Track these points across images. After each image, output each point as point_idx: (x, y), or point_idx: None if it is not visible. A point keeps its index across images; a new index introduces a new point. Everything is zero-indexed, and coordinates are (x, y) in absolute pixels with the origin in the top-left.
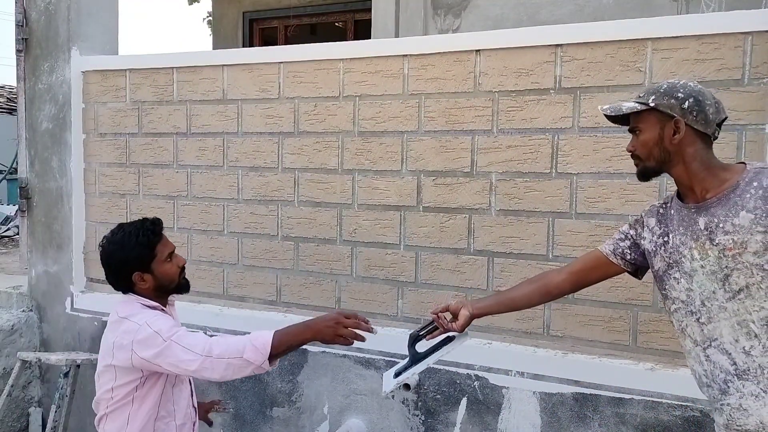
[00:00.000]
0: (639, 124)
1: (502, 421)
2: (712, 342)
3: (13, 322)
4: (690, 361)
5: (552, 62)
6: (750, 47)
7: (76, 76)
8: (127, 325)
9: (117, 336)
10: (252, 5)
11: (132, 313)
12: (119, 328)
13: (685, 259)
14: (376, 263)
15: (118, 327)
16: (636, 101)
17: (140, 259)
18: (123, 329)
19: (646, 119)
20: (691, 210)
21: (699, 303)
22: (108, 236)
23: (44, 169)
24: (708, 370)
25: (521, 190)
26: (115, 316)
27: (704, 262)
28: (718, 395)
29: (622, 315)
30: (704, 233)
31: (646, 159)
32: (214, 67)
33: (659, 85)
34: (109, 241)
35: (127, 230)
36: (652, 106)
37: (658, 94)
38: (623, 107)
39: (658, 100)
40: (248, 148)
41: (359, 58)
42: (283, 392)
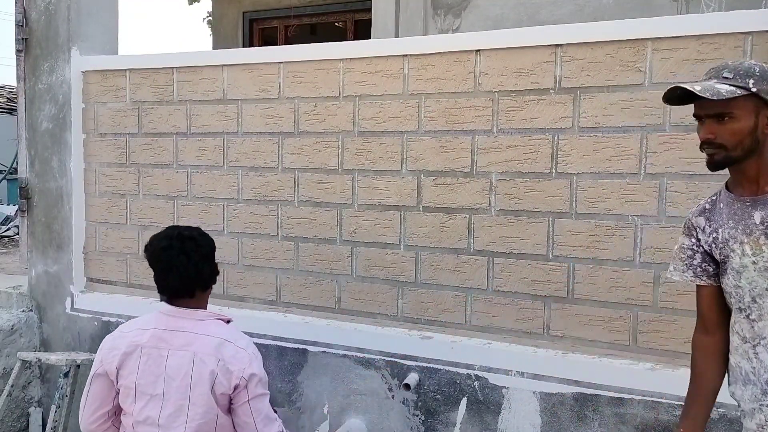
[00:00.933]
0: (733, 110)
1: (502, 421)
2: (761, 340)
3: (13, 322)
4: (736, 357)
5: (552, 62)
6: (750, 47)
7: (76, 76)
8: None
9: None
10: (252, 5)
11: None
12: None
13: (734, 254)
14: (376, 263)
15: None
16: (730, 84)
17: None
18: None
19: (742, 105)
20: (746, 203)
21: (749, 299)
22: (182, 232)
23: (44, 169)
24: (756, 367)
25: (521, 190)
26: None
27: (756, 258)
28: (760, 395)
29: (622, 315)
30: (759, 228)
31: (732, 148)
32: (214, 67)
33: (749, 67)
34: (193, 231)
35: (193, 228)
36: (753, 91)
37: (755, 78)
38: (721, 91)
39: (759, 85)
40: (248, 148)
41: (359, 58)
42: (283, 392)
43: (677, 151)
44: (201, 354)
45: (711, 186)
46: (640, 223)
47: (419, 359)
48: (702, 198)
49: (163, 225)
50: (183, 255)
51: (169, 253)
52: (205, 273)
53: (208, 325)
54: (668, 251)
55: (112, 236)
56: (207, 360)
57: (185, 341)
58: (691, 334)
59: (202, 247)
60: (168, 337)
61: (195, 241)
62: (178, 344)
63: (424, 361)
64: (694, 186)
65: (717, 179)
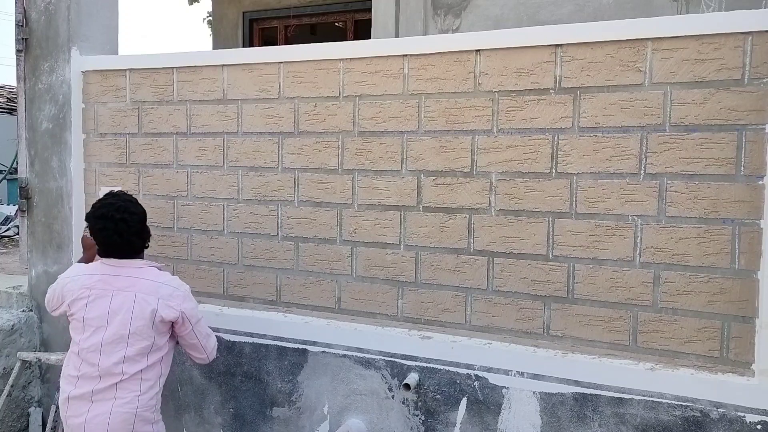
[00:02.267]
0: None
1: (502, 421)
2: None
3: (13, 322)
4: None
5: (552, 62)
6: (750, 47)
7: (76, 76)
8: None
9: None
10: (252, 5)
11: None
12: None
13: None
14: (376, 263)
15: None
16: None
17: None
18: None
19: None
20: None
21: None
22: (116, 203)
23: (44, 169)
24: None
25: (521, 190)
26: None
27: None
28: None
29: (622, 315)
30: None
31: None
32: (214, 67)
33: None
34: (125, 202)
35: (119, 193)
36: None
37: None
38: None
39: None
40: (248, 148)
41: (359, 58)
42: (283, 392)
43: (677, 151)
44: (142, 293)
45: (711, 186)
46: (640, 223)
47: (419, 359)
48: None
49: (163, 225)
50: (116, 235)
51: (104, 234)
52: (137, 245)
53: (147, 271)
54: (668, 251)
55: None
56: (148, 299)
57: (128, 284)
58: (691, 334)
59: (132, 226)
60: (113, 281)
61: (126, 222)
62: (122, 286)
63: (424, 361)
64: (694, 186)
65: (717, 179)
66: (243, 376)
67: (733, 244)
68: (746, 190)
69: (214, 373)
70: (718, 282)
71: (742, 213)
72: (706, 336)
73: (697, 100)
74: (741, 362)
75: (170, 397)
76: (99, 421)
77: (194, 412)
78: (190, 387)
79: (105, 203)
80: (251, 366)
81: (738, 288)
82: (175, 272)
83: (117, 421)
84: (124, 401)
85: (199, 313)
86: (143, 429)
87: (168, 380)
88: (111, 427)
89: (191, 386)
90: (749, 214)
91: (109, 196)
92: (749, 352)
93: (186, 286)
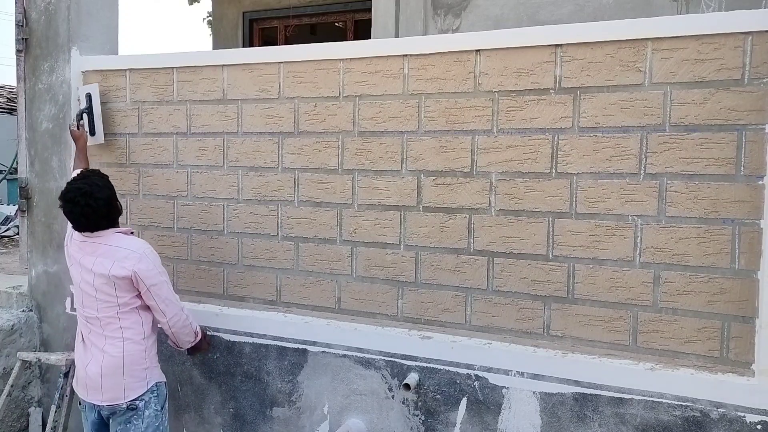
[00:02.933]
0: None
1: (502, 421)
2: None
3: (13, 322)
4: None
5: (552, 62)
6: (750, 47)
7: (76, 76)
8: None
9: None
10: (252, 5)
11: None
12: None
13: None
14: (376, 263)
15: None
16: None
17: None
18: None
19: None
20: None
21: None
22: (83, 188)
23: (44, 169)
24: None
25: (521, 190)
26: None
27: None
28: None
29: (622, 315)
30: None
31: None
32: (214, 67)
33: None
34: (92, 186)
35: (91, 174)
36: None
37: None
38: None
39: None
40: (248, 148)
41: (359, 58)
42: (283, 392)
43: (677, 151)
44: (102, 257)
45: (711, 186)
46: (640, 223)
47: (419, 359)
48: (702, 198)
49: (163, 225)
50: (83, 217)
51: (72, 216)
52: (103, 224)
53: (110, 237)
54: (668, 251)
55: None
56: (104, 262)
57: (92, 249)
58: (691, 334)
59: (98, 209)
60: (84, 246)
61: (91, 207)
62: (89, 251)
63: (424, 361)
64: (694, 186)
65: (717, 179)
66: (243, 376)
67: (733, 244)
68: (746, 190)
69: (214, 373)
70: (718, 282)
71: (742, 213)
72: (706, 336)
73: (697, 100)
74: (741, 362)
75: (170, 397)
76: (94, 364)
77: (194, 412)
78: (190, 387)
79: (73, 187)
80: (251, 366)
81: (738, 288)
82: (175, 272)
83: (107, 364)
84: (113, 348)
85: (160, 277)
86: (134, 370)
87: (168, 380)
88: (103, 369)
89: (191, 386)
90: (749, 214)
91: (79, 178)
92: (749, 352)
93: (146, 249)
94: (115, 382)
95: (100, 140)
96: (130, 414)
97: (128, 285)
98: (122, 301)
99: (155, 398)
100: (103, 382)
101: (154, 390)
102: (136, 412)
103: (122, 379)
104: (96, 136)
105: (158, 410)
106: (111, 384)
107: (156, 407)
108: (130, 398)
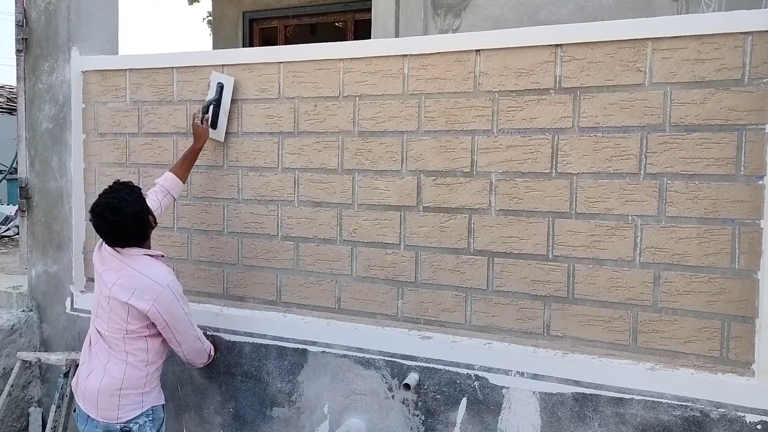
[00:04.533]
0: None
1: (502, 421)
2: None
3: (13, 322)
4: None
5: (552, 62)
6: (750, 47)
7: (76, 76)
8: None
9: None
10: (252, 5)
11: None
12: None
13: None
14: (376, 263)
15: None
16: None
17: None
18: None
19: None
20: None
21: None
22: (112, 203)
23: (44, 169)
24: None
25: (521, 190)
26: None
27: None
28: None
29: (622, 315)
30: None
31: None
32: (214, 67)
33: None
34: (121, 201)
35: (122, 188)
36: None
37: None
38: None
39: None
40: (248, 148)
41: (359, 58)
42: (283, 392)
43: (677, 151)
44: (123, 279)
45: (711, 186)
46: (640, 223)
47: (419, 359)
48: (702, 198)
49: (163, 225)
50: (110, 233)
51: (100, 230)
52: (131, 241)
53: (137, 259)
54: (668, 251)
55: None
56: (126, 285)
57: (118, 266)
58: (690, 334)
59: (125, 225)
60: (109, 260)
61: (119, 223)
62: (114, 267)
63: (424, 361)
64: (694, 186)
65: (717, 179)
66: (243, 376)
67: (733, 244)
68: (746, 190)
69: (214, 373)
70: (718, 282)
71: (742, 213)
72: (706, 336)
73: (697, 100)
74: (741, 362)
75: (170, 397)
76: (93, 379)
77: (194, 412)
78: (190, 387)
79: (102, 201)
80: (251, 366)
81: (738, 288)
82: (175, 272)
83: (105, 384)
84: (114, 368)
85: (180, 311)
86: (130, 394)
87: (168, 380)
88: (101, 387)
89: (191, 386)
90: (749, 214)
91: (109, 191)
92: (749, 352)
93: (170, 281)
94: (110, 403)
95: (220, 137)
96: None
97: (143, 317)
98: (131, 328)
99: (150, 422)
100: (99, 400)
101: (149, 414)
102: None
103: (117, 401)
104: (218, 131)
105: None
106: (106, 404)
107: (152, 431)
108: (123, 420)
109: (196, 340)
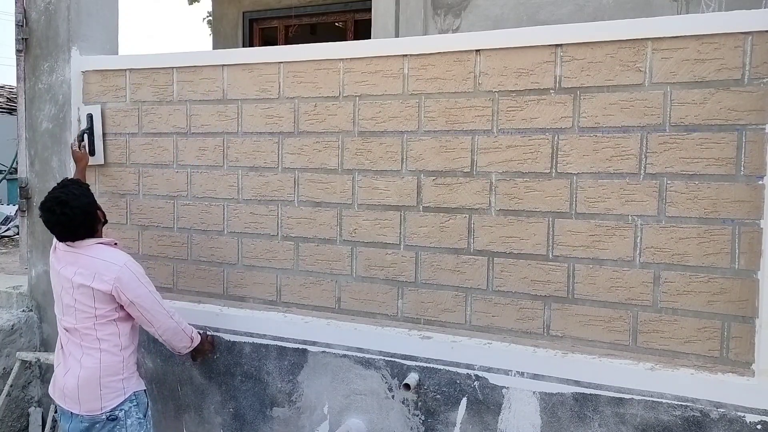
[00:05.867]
0: None
1: (502, 421)
2: None
3: (13, 322)
4: None
5: (552, 62)
6: (750, 47)
7: (76, 76)
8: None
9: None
10: (252, 5)
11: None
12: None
13: None
14: (376, 263)
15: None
16: None
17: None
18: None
19: None
20: None
21: None
22: (60, 196)
23: (44, 169)
24: None
25: (521, 190)
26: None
27: None
28: None
29: (622, 315)
30: None
31: None
32: (214, 67)
33: None
34: (69, 195)
35: (69, 183)
36: None
37: None
38: None
39: None
40: (248, 148)
41: (359, 58)
42: (283, 392)
43: (677, 151)
44: (82, 268)
45: (711, 186)
46: (640, 223)
47: (419, 359)
48: (702, 198)
49: (163, 225)
50: (59, 226)
51: (49, 225)
52: (81, 233)
53: (92, 248)
54: (668, 251)
55: (111, 236)
56: (85, 273)
57: (73, 259)
58: (690, 334)
59: (74, 218)
60: (64, 256)
61: (67, 216)
62: (70, 260)
63: (424, 361)
64: (694, 186)
65: (717, 179)
66: (243, 376)
67: (733, 244)
68: (746, 190)
69: (214, 373)
70: (718, 282)
71: (742, 213)
72: (706, 336)
73: (697, 100)
74: (741, 362)
75: (170, 397)
76: (70, 376)
77: (194, 412)
78: (190, 387)
79: (50, 196)
80: (251, 366)
81: (738, 288)
82: (175, 272)
83: (83, 376)
84: (89, 359)
85: (142, 288)
86: (110, 382)
87: (168, 380)
88: (80, 381)
89: (191, 386)
90: (749, 214)
91: (58, 187)
92: (749, 352)
93: (127, 261)
94: (91, 395)
95: (100, 161)
96: (111, 425)
97: (109, 298)
98: (100, 313)
99: (135, 407)
100: (80, 394)
101: (132, 399)
102: (117, 422)
103: (99, 391)
104: (96, 156)
105: (141, 418)
106: (88, 396)
107: (138, 415)
108: (107, 409)
109: (167, 317)
